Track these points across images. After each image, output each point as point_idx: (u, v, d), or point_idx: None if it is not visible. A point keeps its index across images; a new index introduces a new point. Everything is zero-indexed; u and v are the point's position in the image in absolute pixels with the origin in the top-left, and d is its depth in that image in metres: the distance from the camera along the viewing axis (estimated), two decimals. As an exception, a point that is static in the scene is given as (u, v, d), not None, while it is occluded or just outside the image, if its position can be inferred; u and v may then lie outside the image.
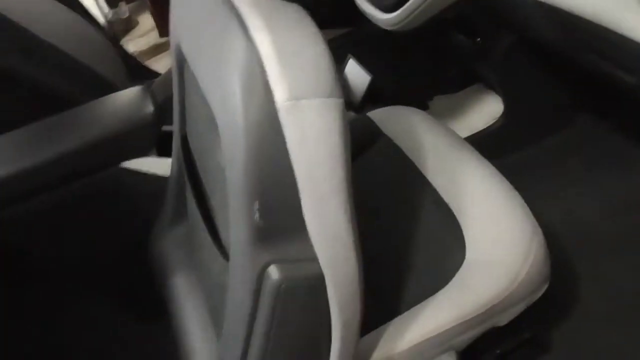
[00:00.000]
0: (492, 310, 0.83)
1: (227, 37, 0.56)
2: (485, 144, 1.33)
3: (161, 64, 1.71)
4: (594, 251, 1.15)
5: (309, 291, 0.62)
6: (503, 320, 0.87)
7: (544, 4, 0.76)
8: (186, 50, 0.74)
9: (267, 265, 0.60)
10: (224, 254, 0.70)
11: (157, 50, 2.45)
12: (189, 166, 0.85)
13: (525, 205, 0.91)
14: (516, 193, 0.93)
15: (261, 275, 0.60)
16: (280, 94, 0.52)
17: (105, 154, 0.98)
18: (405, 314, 0.84)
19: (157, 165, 1.03)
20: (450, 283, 0.86)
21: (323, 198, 0.57)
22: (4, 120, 0.98)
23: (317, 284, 0.61)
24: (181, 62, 0.81)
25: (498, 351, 0.97)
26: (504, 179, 0.95)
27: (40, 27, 1.12)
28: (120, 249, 1.07)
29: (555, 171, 1.29)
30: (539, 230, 0.88)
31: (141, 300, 1.16)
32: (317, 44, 0.54)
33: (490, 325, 0.86)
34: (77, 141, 0.95)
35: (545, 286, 0.89)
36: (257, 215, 0.56)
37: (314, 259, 0.60)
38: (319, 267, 0.60)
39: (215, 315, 0.84)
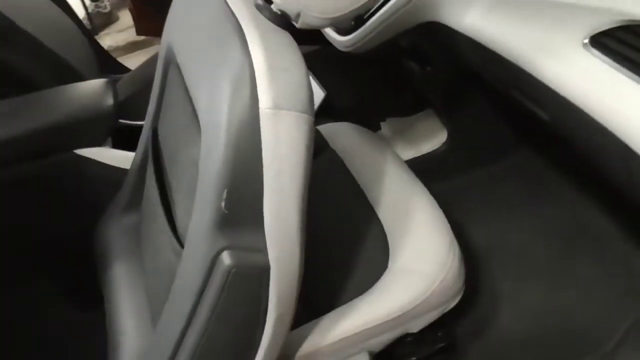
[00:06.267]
0: (405, 316, 0.90)
1: (224, 44, 0.64)
2: (429, 167, 1.41)
3: (134, 61, 1.75)
4: (517, 273, 1.22)
5: (255, 280, 0.68)
6: (416, 326, 0.94)
7: (472, 40, 0.84)
8: (178, 51, 0.81)
9: (222, 250, 0.66)
10: (179, 240, 0.77)
11: (133, 47, 2.50)
12: (155, 158, 0.91)
13: (445, 219, 0.98)
14: (439, 210, 1.00)
15: (215, 258, 0.67)
16: (264, 102, 0.60)
17: (60, 137, 1.03)
18: (330, 313, 0.90)
19: (111, 156, 1.08)
20: (373, 287, 0.93)
21: (283, 196, 0.64)
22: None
23: (262, 275, 0.68)
24: (168, 61, 0.87)
25: (414, 358, 1.03)
26: (430, 196, 1.03)
27: (18, 14, 1.18)
28: (68, 232, 1.11)
29: (492, 197, 1.37)
30: (456, 243, 0.95)
31: (84, 288, 1.19)
32: (301, 68, 0.63)
33: (403, 330, 0.93)
34: (36, 121, 1.00)
35: (458, 298, 0.95)
36: (223, 203, 0.63)
37: (264, 251, 0.67)
38: (267, 260, 0.67)
39: (156, 300, 0.88)
